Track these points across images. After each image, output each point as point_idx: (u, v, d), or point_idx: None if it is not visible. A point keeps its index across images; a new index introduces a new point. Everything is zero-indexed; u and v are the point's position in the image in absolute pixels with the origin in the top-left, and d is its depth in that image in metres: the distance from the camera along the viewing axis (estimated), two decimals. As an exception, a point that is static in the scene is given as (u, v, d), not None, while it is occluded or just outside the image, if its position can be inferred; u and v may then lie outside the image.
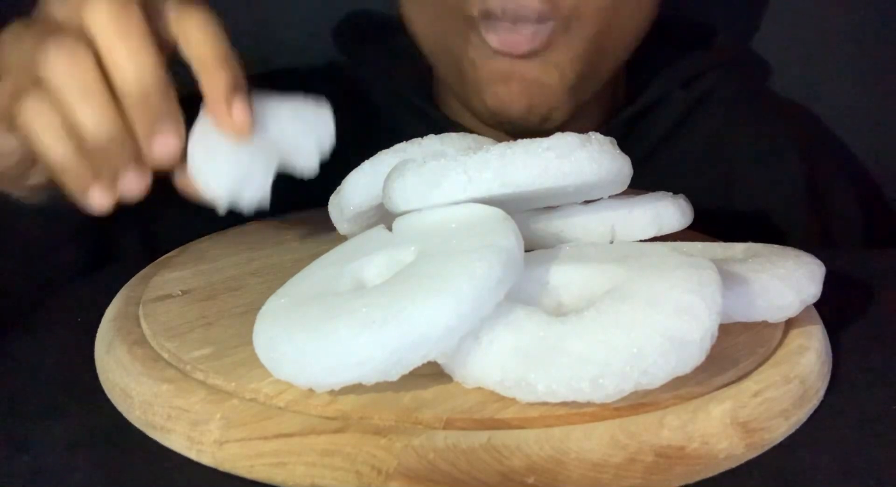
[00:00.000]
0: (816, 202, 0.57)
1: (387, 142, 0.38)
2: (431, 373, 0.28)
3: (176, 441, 0.28)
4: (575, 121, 0.55)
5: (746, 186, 0.56)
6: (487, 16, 0.47)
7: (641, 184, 0.37)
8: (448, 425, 0.27)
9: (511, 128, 0.51)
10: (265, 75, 0.62)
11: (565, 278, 0.32)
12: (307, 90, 0.52)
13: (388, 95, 0.59)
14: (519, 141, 0.32)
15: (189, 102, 0.36)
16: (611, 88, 0.56)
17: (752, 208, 0.56)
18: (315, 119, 0.37)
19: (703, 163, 0.57)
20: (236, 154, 0.34)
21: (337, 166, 0.40)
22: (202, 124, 0.36)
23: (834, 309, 0.35)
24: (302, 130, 0.37)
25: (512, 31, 0.47)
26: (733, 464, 0.27)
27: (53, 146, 0.33)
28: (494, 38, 0.47)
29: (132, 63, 0.33)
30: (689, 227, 0.37)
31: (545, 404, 0.27)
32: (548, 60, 0.48)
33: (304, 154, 0.36)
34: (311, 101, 0.38)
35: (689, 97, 0.56)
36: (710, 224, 0.41)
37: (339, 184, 0.39)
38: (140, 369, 0.31)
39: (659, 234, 0.36)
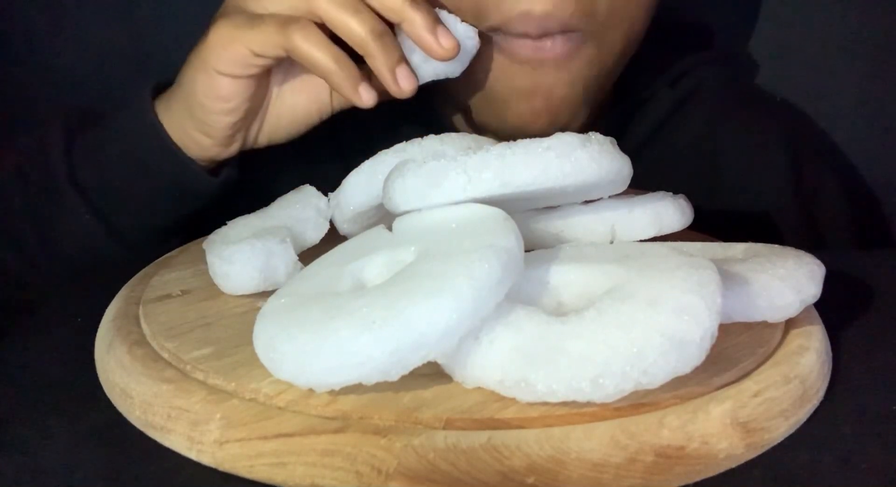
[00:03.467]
0: (803, 199, 0.57)
1: (385, 145, 0.38)
2: (431, 373, 0.28)
3: (176, 441, 0.28)
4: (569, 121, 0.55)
5: (732, 184, 0.56)
6: (508, 29, 0.45)
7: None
8: (448, 425, 0.27)
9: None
10: None
11: (565, 278, 0.32)
12: None
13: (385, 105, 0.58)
14: (519, 141, 0.32)
15: None
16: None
17: (738, 206, 0.55)
18: (307, 197, 0.41)
19: (689, 160, 0.56)
20: (253, 249, 0.36)
21: (335, 170, 0.40)
22: (218, 234, 0.40)
23: (834, 309, 0.35)
24: (302, 207, 0.41)
25: (540, 40, 0.46)
26: (733, 464, 0.27)
27: (325, 56, 0.42)
28: (524, 46, 0.46)
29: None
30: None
31: (545, 404, 0.27)
32: (573, 72, 0.47)
33: (311, 225, 0.40)
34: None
35: (675, 95, 0.56)
36: (696, 222, 0.41)
37: (338, 185, 0.39)
38: (140, 369, 0.31)
39: (659, 234, 0.36)
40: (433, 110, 0.57)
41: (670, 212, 0.36)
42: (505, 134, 0.50)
